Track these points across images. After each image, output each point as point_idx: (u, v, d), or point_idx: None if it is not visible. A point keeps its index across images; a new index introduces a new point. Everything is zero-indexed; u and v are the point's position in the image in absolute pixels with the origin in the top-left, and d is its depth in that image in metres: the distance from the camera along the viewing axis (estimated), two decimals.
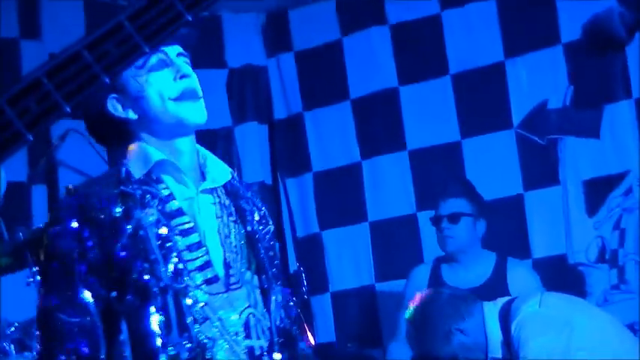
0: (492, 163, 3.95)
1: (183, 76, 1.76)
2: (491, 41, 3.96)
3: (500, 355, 2.87)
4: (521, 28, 3.97)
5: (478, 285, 3.48)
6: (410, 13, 4.08)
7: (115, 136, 1.85)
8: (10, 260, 3.05)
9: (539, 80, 3.95)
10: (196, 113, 1.77)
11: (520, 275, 3.52)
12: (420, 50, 4.07)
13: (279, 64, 4.16)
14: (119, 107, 1.77)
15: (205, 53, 4.23)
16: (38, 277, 1.97)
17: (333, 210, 4.12)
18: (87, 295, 1.72)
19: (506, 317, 2.88)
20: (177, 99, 1.75)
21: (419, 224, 4.12)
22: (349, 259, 3.99)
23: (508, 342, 2.83)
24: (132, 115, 1.77)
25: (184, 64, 1.79)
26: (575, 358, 2.79)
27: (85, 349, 1.70)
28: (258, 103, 4.20)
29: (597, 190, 3.83)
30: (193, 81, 1.78)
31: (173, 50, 1.80)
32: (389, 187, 3.99)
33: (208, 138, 3.78)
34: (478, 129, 3.96)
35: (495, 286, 3.49)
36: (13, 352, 2.99)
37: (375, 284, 3.87)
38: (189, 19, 1.02)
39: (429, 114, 4.03)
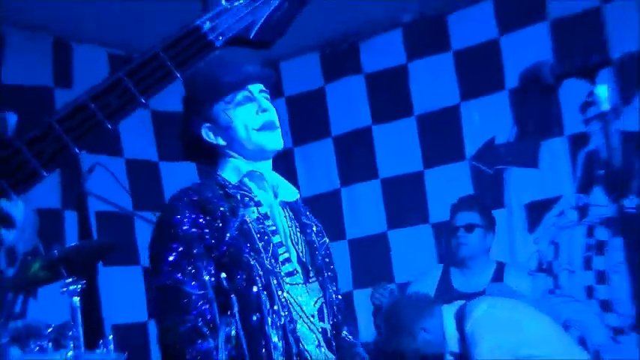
0: (450, 189, 3.93)
1: (264, 110, 1.83)
2: (449, 87, 4.03)
3: (457, 350, 2.93)
4: (474, 76, 4.03)
5: (481, 289, 3.44)
6: (381, 64, 4.11)
7: (206, 155, 1.93)
8: (48, 273, 3.08)
9: (488, 120, 4.02)
10: (274, 141, 1.85)
11: (514, 280, 3.50)
12: (389, 95, 4.11)
13: None
14: (211, 135, 1.86)
15: None
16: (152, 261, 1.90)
17: None
18: (205, 273, 1.78)
19: (460, 318, 2.94)
20: (259, 129, 1.83)
21: (389, 241, 4.11)
22: None
23: (463, 338, 2.92)
24: (221, 141, 1.85)
25: (265, 100, 1.86)
26: (521, 352, 2.86)
27: (209, 316, 1.76)
28: None
29: (536, 212, 3.85)
30: (272, 114, 1.86)
31: (256, 88, 1.87)
32: (364, 210, 4.02)
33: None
34: (438, 160, 4.01)
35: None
36: (51, 349, 2.99)
37: (353, 291, 3.90)
38: (178, 76, 1.02)
39: (397, 148, 4.06)
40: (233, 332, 1.79)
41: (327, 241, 2.00)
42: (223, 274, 1.79)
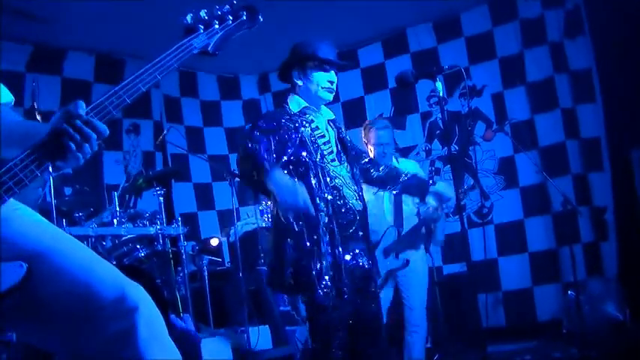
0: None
1: (331, 81, 2.20)
2: (357, 85, 5.22)
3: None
4: (372, 79, 5.18)
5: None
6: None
7: (288, 82, 2.26)
8: (147, 185, 3.88)
9: (379, 105, 5.18)
10: (328, 97, 2.20)
11: (405, 162, 3.88)
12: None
13: None
14: (297, 76, 2.23)
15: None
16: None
17: None
18: (270, 150, 2.07)
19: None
20: (323, 88, 2.20)
21: None
22: None
23: None
24: (299, 83, 2.21)
25: (334, 75, 2.21)
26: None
27: (267, 165, 2.01)
28: None
29: (406, 152, 4.85)
30: (334, 84, 2.19)
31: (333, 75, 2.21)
32: None
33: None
34: (357, 124, 4.37)
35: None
36: (148, 225, 3.46)
37: None
38: (176, 66, 1.33)
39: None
40: None
41: (349, 137, 2.27)
42: (291, 167, 2.06)
